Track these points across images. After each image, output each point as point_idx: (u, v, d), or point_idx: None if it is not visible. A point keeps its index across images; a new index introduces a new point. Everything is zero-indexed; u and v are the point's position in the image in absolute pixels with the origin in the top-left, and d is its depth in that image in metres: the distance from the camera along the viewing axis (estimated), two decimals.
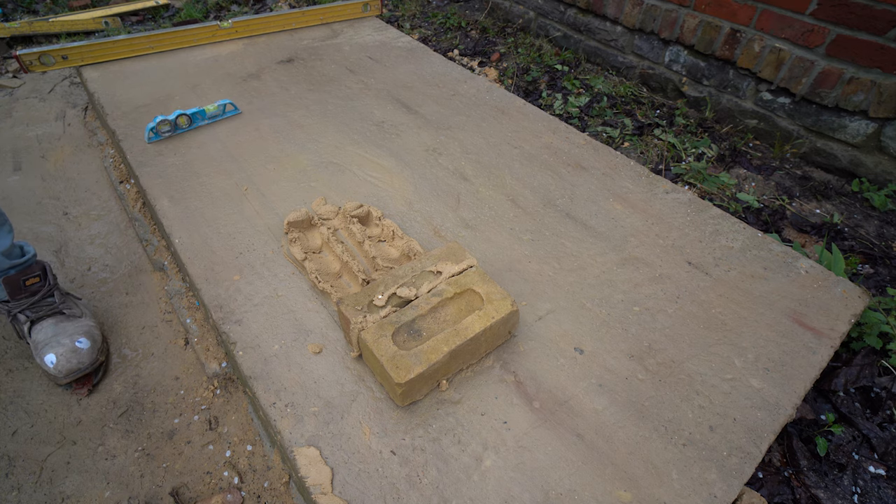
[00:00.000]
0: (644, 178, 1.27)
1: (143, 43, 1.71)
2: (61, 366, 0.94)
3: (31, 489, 0.86)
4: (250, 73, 1.66)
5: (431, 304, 0.85)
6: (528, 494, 0.72)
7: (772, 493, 0.87)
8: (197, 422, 0.96)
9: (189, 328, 1.08)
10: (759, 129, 1.68)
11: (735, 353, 0.90)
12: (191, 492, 0.87)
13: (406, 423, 0.79)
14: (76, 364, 0.95)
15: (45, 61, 1.57)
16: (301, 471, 0.73)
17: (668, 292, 1.00)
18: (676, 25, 1.76)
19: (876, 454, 0.93)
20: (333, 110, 1.50)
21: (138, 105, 1.48)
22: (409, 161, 1.32)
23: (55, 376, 0.95)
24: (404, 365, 0.76)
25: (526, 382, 0.85)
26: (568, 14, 2.13)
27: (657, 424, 0.80)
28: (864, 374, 1.00)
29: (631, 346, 0.90)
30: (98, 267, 1.25)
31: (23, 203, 1.41)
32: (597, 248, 1.09)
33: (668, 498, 0.72)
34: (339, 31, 1.96)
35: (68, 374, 0.95)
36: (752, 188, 1.52)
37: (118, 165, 1.53)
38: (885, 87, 1.36)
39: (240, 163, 1.29)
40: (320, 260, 1.05)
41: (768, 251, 1.09)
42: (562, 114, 1.81)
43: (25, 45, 2.24)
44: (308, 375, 0.85)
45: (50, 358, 0.95)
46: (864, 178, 1.49)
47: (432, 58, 1.79)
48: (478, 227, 1.14)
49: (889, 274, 1.23)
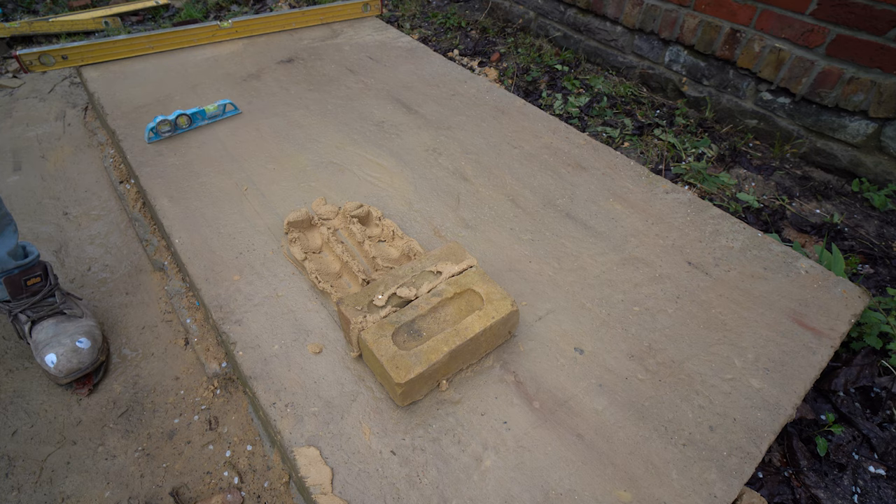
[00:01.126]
0: (644, 178, 1.27)
1: (143, 43, 1.71)
2: (62, 366, 0.94)
3: (31, 489, 0.86)
4: (250, 73, 1.66)
5: (431, 304, 0.85)
6: (528, 494, 0.72)
7: (772, 493, 0.87)
8: (197, 422, 0.96)
9: (189, 328, 1.08)
10: (759, 129, 1.68)
11: (735, 353, 0.90)
12: (191, 492, 0.87)
13: (406, 423, 0.79)
14: (76, 364, 0.96)
15: (45, 61, 1.57)
16: (301, 471, 0.73)
17: (668, 292, 1.00)
18: (676, 25, 1.76)
19: (876, 454, 0.93)
20: (333, 110, 1.50)
21: (138, 105, 1.48)
22: (409, 161, 1.32)
23: (55, 376, 0.95)
24: (404, 365, 0.76)
25: (526, 382, 0.85)
26: (568, 14, 2.13)
27: (657, 424, 0.80)
28: (864, 374, 1.00)
29: (631, 346, 0.90)
30: (98, 267, 1.25)
31: (23, 203, 1.41)
32: (597, 248, 1.09)
33: (668, 498, 0.72)
34: (339, 31, 1.96)
35: (68, 373, 0.95)
36: (752, 188, 1.52)
37: (118, 165, 1.53)
38: (885, 87, 1.36)
39: (240, 163, 1.29)
40: (320, 260, 1.05)
41: (768, 251, 1.09)
42: (562, 114, 1.81)
43: (25, 45, 2.24)
44: (308, 375, 0.85)
45: (50, 358, 0.95)
46: (864, 178, 1.49)
47: (432, 58, 1.79)
48: (478, 227, 1.14)
49: (889, 274, 1.23)
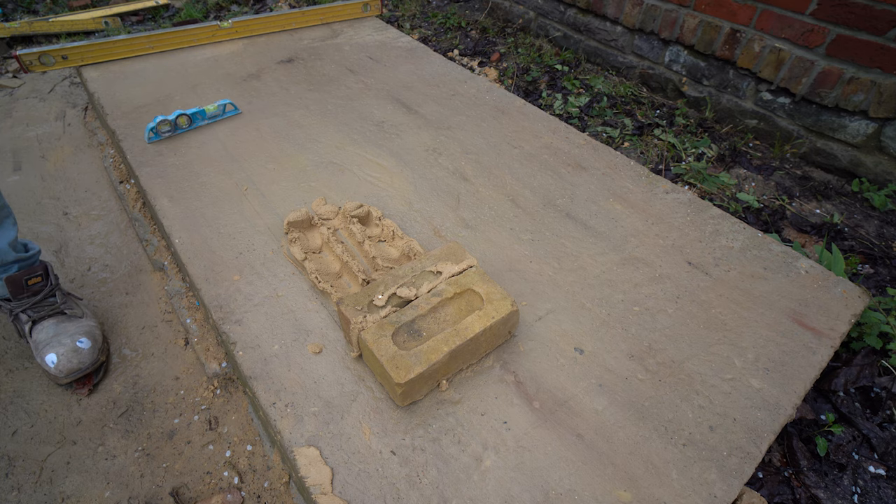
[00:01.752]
0: (644, 178, 1.27)
1: (143, 43, 1.71)
2: (62, 365, 0.94)
3: (31, 489, 0.86)
4: (250, 73, 1.66)
5: (431, 304, 0.85)
6: (528, 494, 0.72)
7: (772, 493, 0.87)
8: (197, 422, 0.96)
9: (189, 328, 1.08)
10: (759, 129, 1.68)
11: (735, 353, 0.90)
12: (191, 492, 0.87)
13: (406, 423, 0.79)
14: (77, 364, 0.95)
15: (45, 61, 1.57)
16: (301, 471, 0.73)
17: (668, 292, 1.00)
18: (676, 25, 1.76)
19: (876, 454, 0.93)
20: (333, 110, 1.50)
21: (138, 105, 1.48)
22: (409, 161, 1.32)
23: (56, 376, 0.95)
24: (404, 365, 0.76)
25: (526, 382, 0.85)
26: (568, 14, 2.13)
27: (657, 424, 0.80)
28: (864, 374, 1.00)
29: (631, 346, 0.90)
30: (98, 267, 1.25)
31: (23, 203, 1.41)
32: (597, 248, 1.09)
33: (668, 498, 0.72)
34: (339, 31, 1.96)
35: (69, 373, 0.95)
36: (752, 188, 1.52)
37: (118, 165, 1.53)
38: (885, 87, 1.36)
39: (240, 163, 1.29)
40: (320, 260, 1.04)
41: (768, 251, 1.09)
42: (562, 114, 1.81)
43: (25, 45, 2.24)
44: (308, 375, 0.85)
45: (51, 358, 0.95)
46: (864, 178, 1.49)
47: (432, 58, 1.79)
48: (478, 227, 1.14)
49: (889, 274, 1.23)
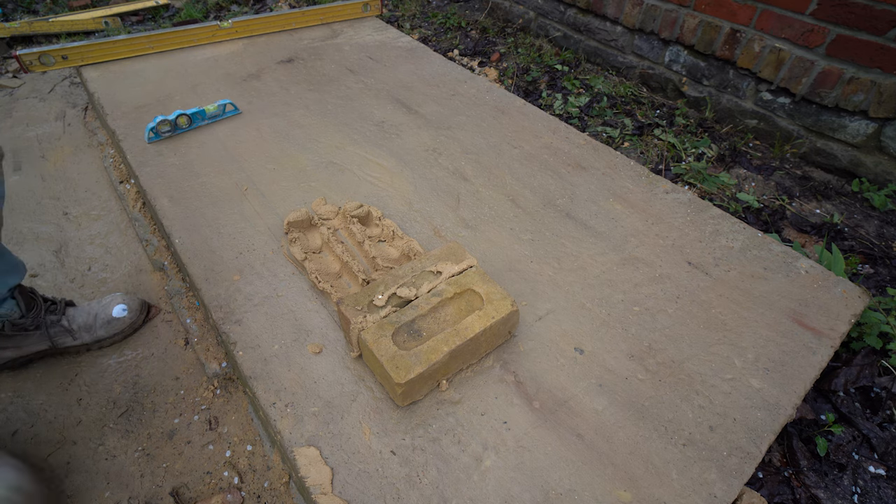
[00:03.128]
0: (644, 178, 1.27)
1: (143, 43, 1.71)
2: (134, 305, 1.06)
3: None
4: (250, 73, 1.66)
5: (431, 304, 0.85)
6: (528, 494, 0.72)
7: (772, 493, 0.87)
8: (197, 422, 0.96)
9: (189, 328, 1.08)
10: (759, 129, 1.68)
11: (735, 353, 0.90)
12: (191, 492, 0.87)
13: (406, 423, 0.79)
14: (139, 303, 1.09)
15: (45, 61, 1.57)
16: (301, 471, 0.73)
17: (668, 292, 1.00)
18: (676, 25, 1.76)
19: (876, 454, 0.93)
20: (333, 110, 1.50)
21: (138, 105, 1.48)
22: (409, 161, 1.32)
23: (132, 322, 1.06)
24: (404, 365, 0.76)
25: (526, 382, 0.85)
26: (568, 14, 2.13)
27: (657, 424, 0.80)
28: (864, 374, 1.00)
29: (631, 346, 0.90)
30: (98, 267, 1.25)
31: (23, 203, 1.41)
32: (597, 248, 1.09)
33: (668, 498, 0.72)
34: (339, 31, 1.96)
35: (141, 312, 1.08)
36: (752, 188, 1.52)
37: (118, 165, 1.53)
38: (885, 87, 1.36)
39: (240, 163, 1.29)
40: (320, 260, 1.04)
41: (768, 251, 1.09)
42: (562, 114, 1.81)
43: (25, 45, 2.24)
44: (308, 375, 0.85)
45: (121, 307, 1.03)
46: (864, 178, 1.49)
47: (432, 58, 1.79)
48: (478, 227, 1.14)
49: (889, 274, 1.23)
